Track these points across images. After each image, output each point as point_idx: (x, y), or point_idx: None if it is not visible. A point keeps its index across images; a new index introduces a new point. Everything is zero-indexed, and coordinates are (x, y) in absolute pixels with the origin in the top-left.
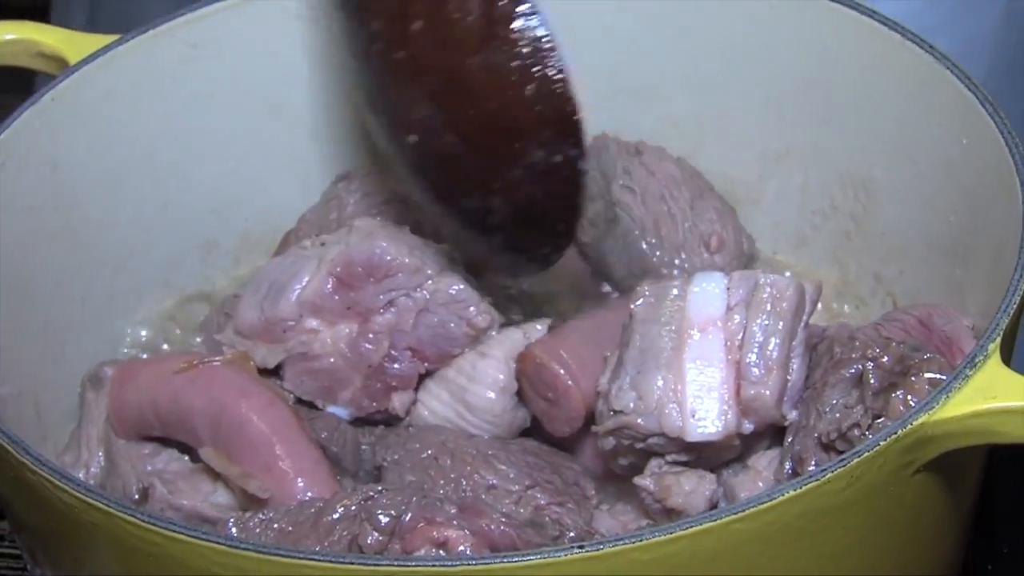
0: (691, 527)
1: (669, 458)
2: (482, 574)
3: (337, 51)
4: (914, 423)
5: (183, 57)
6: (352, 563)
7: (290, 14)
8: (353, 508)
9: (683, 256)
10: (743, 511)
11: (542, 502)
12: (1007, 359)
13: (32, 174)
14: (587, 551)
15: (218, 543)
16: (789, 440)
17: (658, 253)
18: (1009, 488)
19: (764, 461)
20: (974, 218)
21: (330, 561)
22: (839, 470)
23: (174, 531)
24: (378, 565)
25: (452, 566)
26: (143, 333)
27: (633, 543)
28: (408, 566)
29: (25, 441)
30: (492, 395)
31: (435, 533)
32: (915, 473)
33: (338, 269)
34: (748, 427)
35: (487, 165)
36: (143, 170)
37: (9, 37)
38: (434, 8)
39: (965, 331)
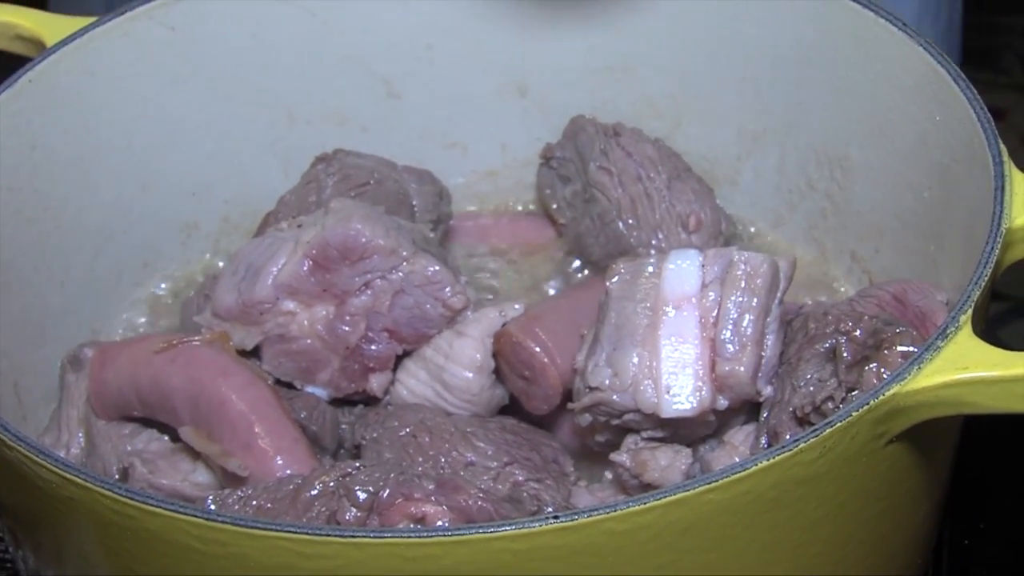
0: (664, 497)
1: (645, 434)
2: (457, 545)
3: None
4: (886, 394)
5: (162, 39)
6: (328, 535)
7: None
8: (331, 484)
9: (660, 236)
10: (716, 481)
11: (520, 478)
12: (979, 331)
13: (10, 156)
14: (562, 522)
15: (195, 516)
16: (764, 415)
17: (635, 233)
18: (986, 464)
19: (740, 436)
20: (948, 194)
21: (306, 533)
22: (811, 440)
23: (151, 505)
24: (354, 536)
25: (428, 537)
26: (123, 315)
27: (607, 513)
28: (384, 538)
29: (4, 420)
30: (469, 374)
31: (413, 508)
32: (888, 444)
33: (314, 251)
34: (723, 403)
35: None
36: (122, 152)
37: None
38: None
39: (939, 306)
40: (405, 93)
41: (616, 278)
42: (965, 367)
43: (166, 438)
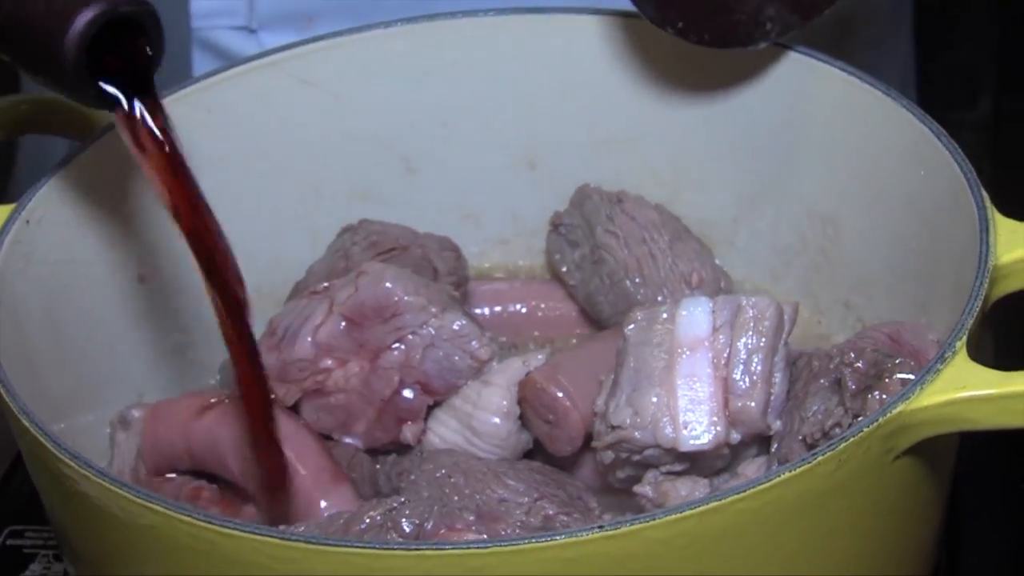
0: (699, 506)
1: (664, 468)
2: (515, 554)
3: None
4: (893, 412)
5: (199, 121)
6: (395, 549)
7: (295, 79)
8: (379, 518)
9: (665, 293)
10: (746, 491)
11: (551, 512)
12: (973, 356)
13: (64, 230)
14: (607, 531)
15: (270, 536)
16: (775, 446)
17: (643, 291)
18: (975, 500)
19: (752, 468)
20: (935, 243)
21: (375, 548)
22: (828, 453)
23: (229, 528)
24: (419, 549)
25: (487, 548)
26: (165, 379)
27: (648, 522)
28: (446, 549)
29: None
30: (497, 420)
31: (456, 538)
32: (896, 459)
33: (349, 311)
34: (736, 437)
35: None
36: (162, 228)
37: (40, 106)
38: None
39: (931, 344)
40: (422, 168)
41: (633, 325)
42: (963, 386)
43: (215, 487)
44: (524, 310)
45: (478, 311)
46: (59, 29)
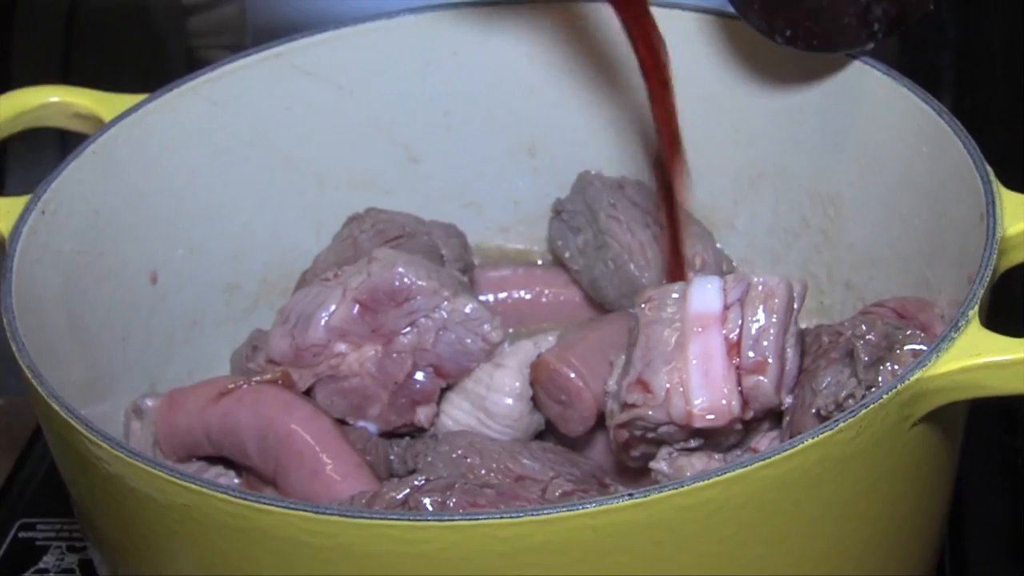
0: (725, 473)
1: (678, 446)
2: (544, 524)
3: None
4: (911, 379)
5: (204, 113)
6: (427, 520)
7: (299, 71)
8: (400, 496)
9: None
10: (770, 458)
11: (568, 488)
12: (986, 324)
13: (77, 221)
14: (636, 499)
15: (305, 510)
16: (787, 420)
17: (647, 274)
18: (976, 476)
19: (765, 442)
20: (938, 219)
21: (408, 519)
22: (849, 420)
23: (264, 503)
24: (451, 520)
25: (517, 517)
26: (176, 369)
27: (675, 489)
28: (478, 520)
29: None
30: (510, 401)
31: None
32: (912, 426)
33: (363, 296)
34: (749, 412)
35: None
36: (171, 219)
37: (53, 100)
38: None
39: (937, 318)
40: (424, 157)
41: (645, 304)
42: (978, 354)
43: (232, 473)
44: (529, 296)
45: (483, 298)
46: None
